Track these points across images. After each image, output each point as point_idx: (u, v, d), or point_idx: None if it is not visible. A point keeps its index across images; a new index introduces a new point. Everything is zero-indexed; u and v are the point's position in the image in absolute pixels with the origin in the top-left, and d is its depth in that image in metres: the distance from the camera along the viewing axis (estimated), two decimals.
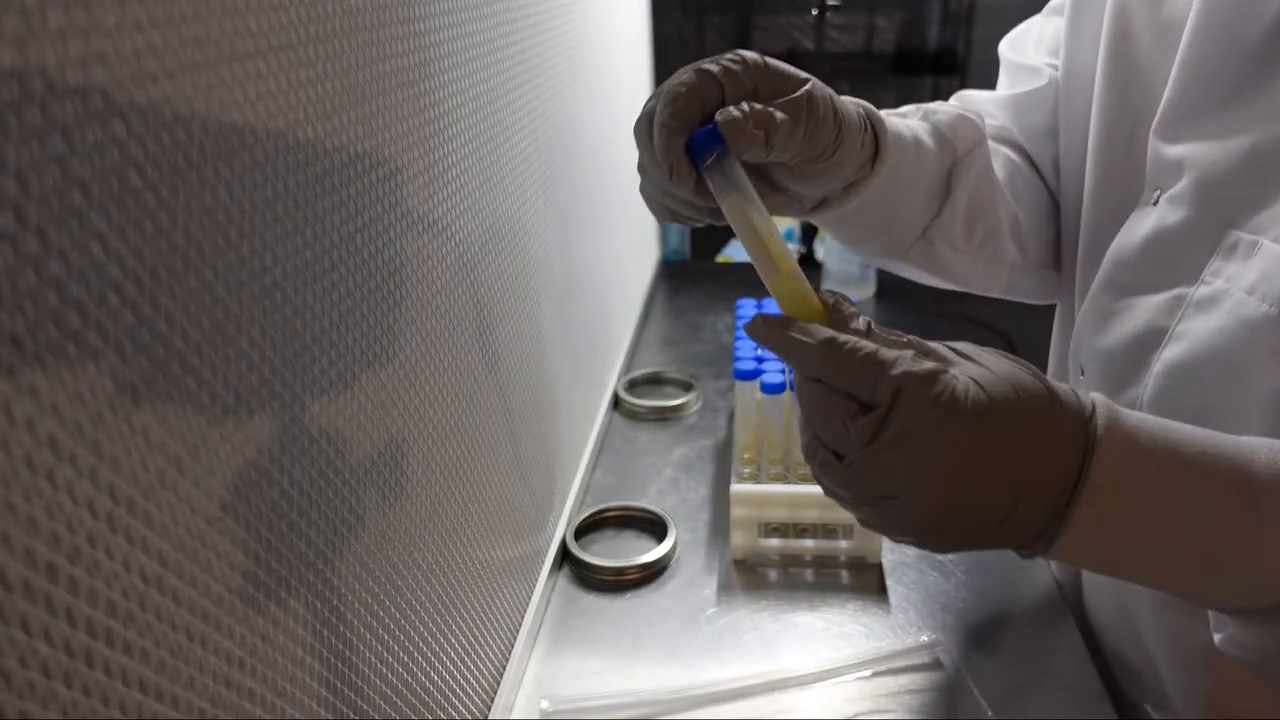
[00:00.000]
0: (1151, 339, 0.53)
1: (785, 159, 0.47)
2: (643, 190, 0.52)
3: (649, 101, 0.48)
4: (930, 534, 0.40)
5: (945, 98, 0.73)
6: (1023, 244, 0.68)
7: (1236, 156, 0.48)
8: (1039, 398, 0.39)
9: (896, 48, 3.82)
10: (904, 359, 0.38)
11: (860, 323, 0.42)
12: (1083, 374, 0.61)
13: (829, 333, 0.40)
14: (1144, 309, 0.54)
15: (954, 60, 3.71)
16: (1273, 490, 0.38)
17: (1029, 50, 0.71)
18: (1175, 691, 0.58)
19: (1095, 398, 0.40)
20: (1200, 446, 0.39)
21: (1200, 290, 0.50)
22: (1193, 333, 0.50)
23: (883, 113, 0.57)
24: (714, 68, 0.46)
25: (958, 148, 0.62)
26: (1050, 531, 0.39)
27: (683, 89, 0.45)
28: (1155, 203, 0.54)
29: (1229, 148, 0.49)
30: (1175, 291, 0.52)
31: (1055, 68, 0.68)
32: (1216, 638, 0.44)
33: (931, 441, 0.37)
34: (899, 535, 0.41)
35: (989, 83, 0.76)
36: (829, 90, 0.50)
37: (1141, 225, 0.55)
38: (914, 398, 0.37)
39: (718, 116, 0.44)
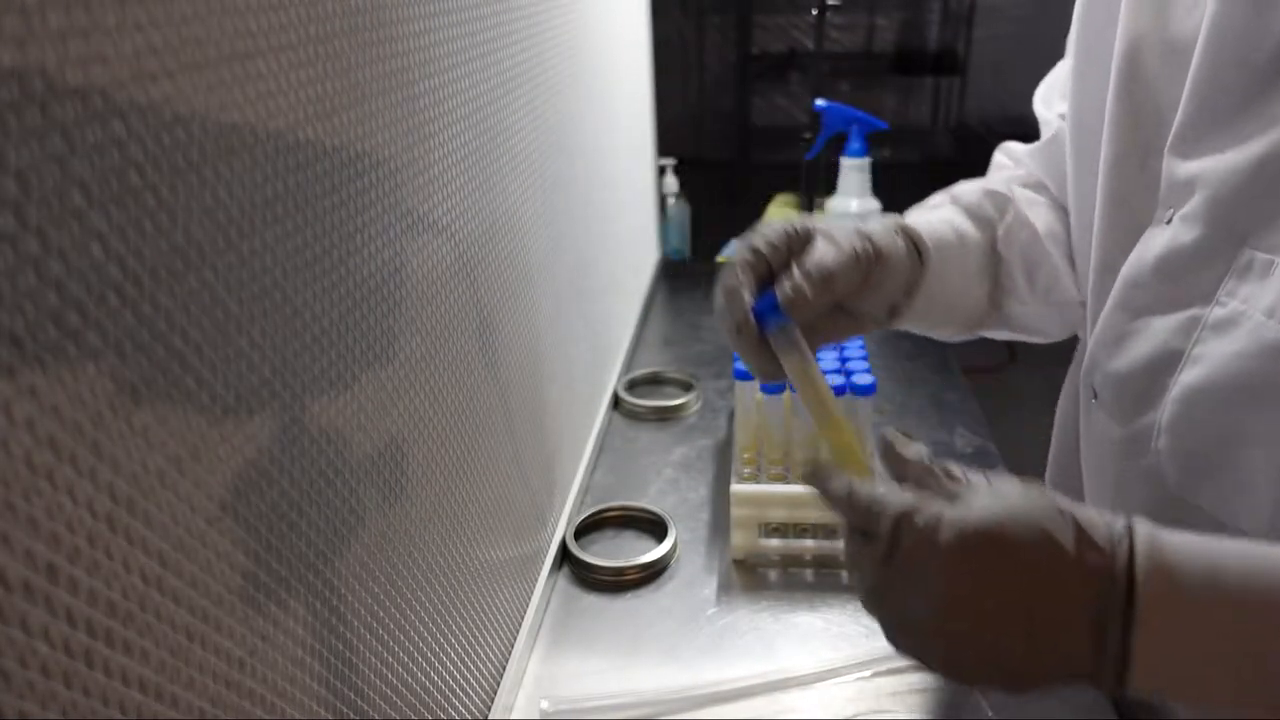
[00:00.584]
0: (1168, 362, 0.52)
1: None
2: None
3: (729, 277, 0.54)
4: (951, 660, 0.41)
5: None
6: (1081, 283, 0.69)
7: (1246, 170, 0.48)
8: (1045, 527, 0.39)
9: (897, 47, 3.82)
10: (905, 499, 0.42)
11: (913, 452, 0.46)
12: (1095, 397, 0.60)
13: (848, 485, 0.46)
14: (1158, 330, 0.53)
15: (954, 60, 3.71)
16: None
17: (1054, 100, 0.73)
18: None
19: (1137, 527, 0.39)
20: (1240, 567, 0.38)
21: (1216, 312, 0.49)
22: (1210, 356, 0.49)
23: (914, 210, 0.66)
24: (742, 256, 0.53)
25: (994, 219, 0.67)
26: (1116, 666, 0.38)
27: (731, 280, 0.52)
28: (1168, 221, 0.54)
29: (1239, 162, 0.48)
30: (1190, 312, 0.51)
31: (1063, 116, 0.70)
32: None
33: (925, 567, 0.40)
34: (929, 659, 0.42)
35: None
36: (863, 234, 0.56)
37: (1153, 245, 0.55)
38: (908, 531, 0.41)
39: (779, 296, 0.52)
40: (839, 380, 0.82)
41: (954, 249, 0.63)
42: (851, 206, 1.29)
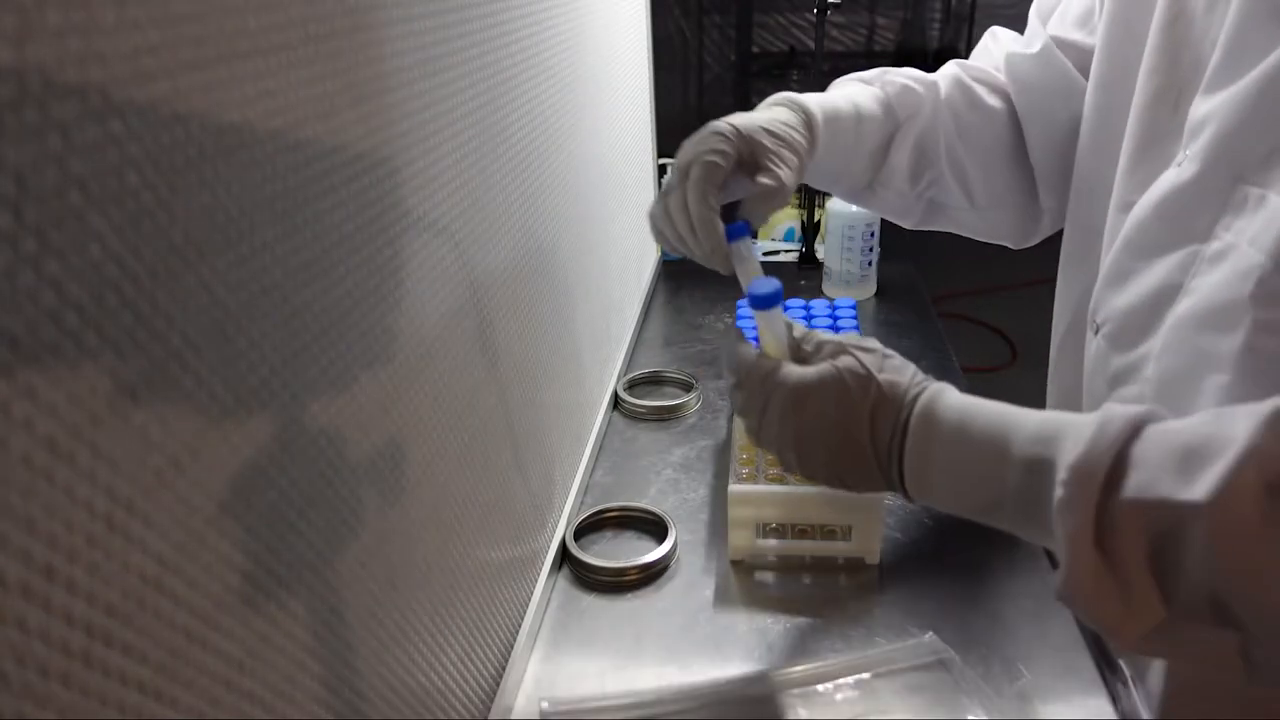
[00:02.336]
0: (1166, 295, 0.55)
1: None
2: (656, 228, 0.68)
3: (668, 185, 0.65)
4: (802, 467, 0.58)
5: None
6: (969, 189, 0.80)
7: (1247, 106, 0.49)
8: (857, 379, 0.55)
9: (898, 47, 3.82)
10: (768, 364, 0.58)
11: (797, 332, 0.62)
12: (1096, 332, 0.63)
13: (743, 352, 0.61)
14: (1160, 267, 0.55)
15: (955, 59, 3.70)
16: (1018, 460, 0.48)
17: (1051, 18, 0.77)
18: (1166, 688, 0.58)
19: (931, 385, 0.55)
20: (985, 423, 0.51)
21: (1212, 246, 0.51)
22: (1201, 288, 0.51)
23: (848, 78, 0.78)
24: (711, 157, 0.63)
25: (899, 115, 0.76)
26: (900, 481, 0.54)
27: (705, 179, 0.62)
28: (1180, 164, 0.55)
29: (1237, 96, 0.49)
30: (1190, 248, 0.53)
31: (1068, 40, 0.74)
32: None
33: (776, 405, 0.57)
34: (791, 466, 0.59)
35: None
36: (794, 128, 0.67)
37: (1161, 185, 0.56)
38: (769, 382, 0.58)
39: (749, 218, 0.64)
40: None
41: (850, 131, 0.73)
42: (851, 206, 1.29)
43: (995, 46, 0.82)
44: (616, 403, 1.07)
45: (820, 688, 0.65)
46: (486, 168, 0.61)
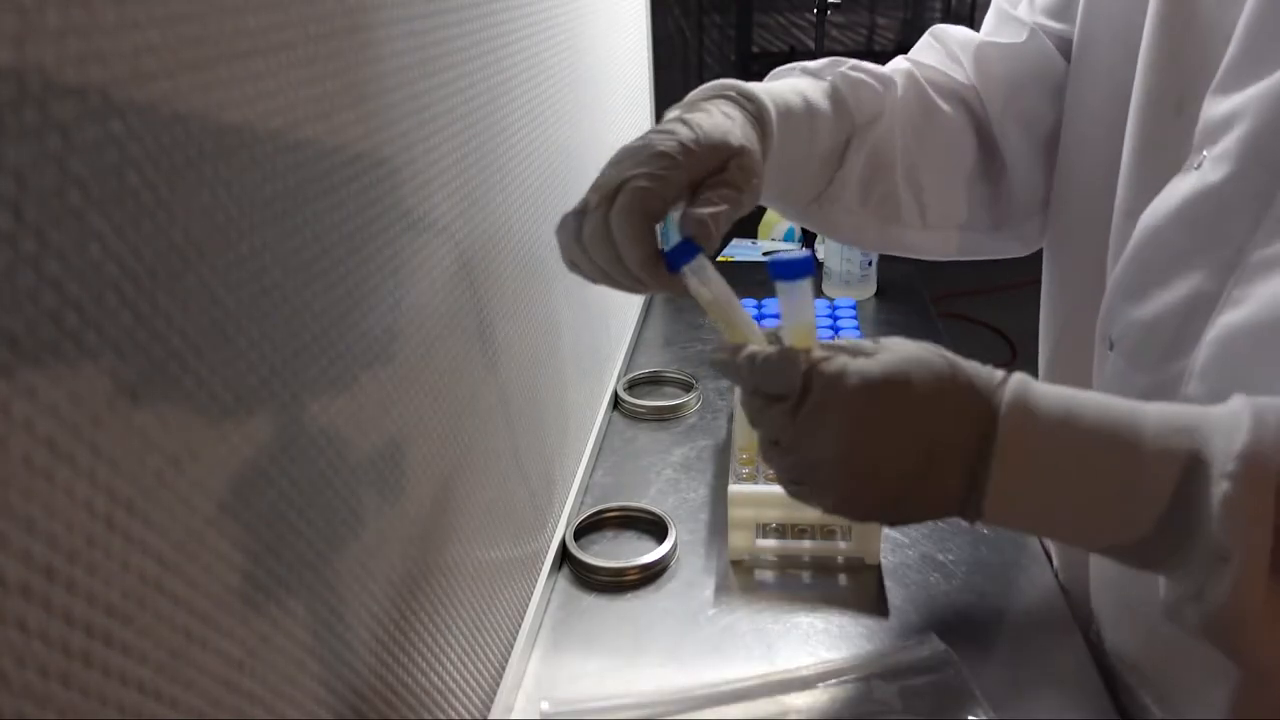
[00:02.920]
0: (1201, 305, 0.50)
1: None
2: (569, 257, 0.54)
3: (584, 204, 0.52)
4: (850, 496, 0.46)
5: None
6: (923, 205, 0.71)
7: None
8: (937, 370, 0.44)
9: (898, 46, 3.82)
10: (809, 354, 0.45)
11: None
12: (1112, 348, 0.58)
13: (750, 349, 0.48)
14: (1188, 275, 0.51)
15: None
16: (1157, 454, 0.41)
17: (1022, 5, 0.71)
18: (1186, 692, 0.58)
19: (1013, 375, 0.44)
20: (1097, 413, 0.42)
21: (1262, 252, 0.47)
22: (1256, 296, 0.47)
23: (792, 67, 0.65)
24: (648, 183, 0.49)
25: (856, 118, 0.65)
26: (976, 496, 0.43)
27: (636, 207, 0.49)
28: (1198, 166, 0.51)
29: (1276, 95, 0.46)
30: (1224, 253, 0.49)
31: (1043, 28, 0.68)
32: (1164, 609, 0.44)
33: (836, 410, 0.44)
34: (827, 498, 0.47)
35: None
36: (749, 133, 0.54)
37: (1179, 190, 0.52)
38: (819, 379, 0.44)
39: (691, 233, 0.49)
40: None
41: (802, 134, 0.61)
42: None
43: (947, 41, 0.74)
44: (616, 403, 1.07)
45: (820, 688, 0.65)
46: (486, 168, 0.61)
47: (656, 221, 0.50)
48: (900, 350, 0.45)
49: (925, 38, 0.75)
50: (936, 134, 0.70)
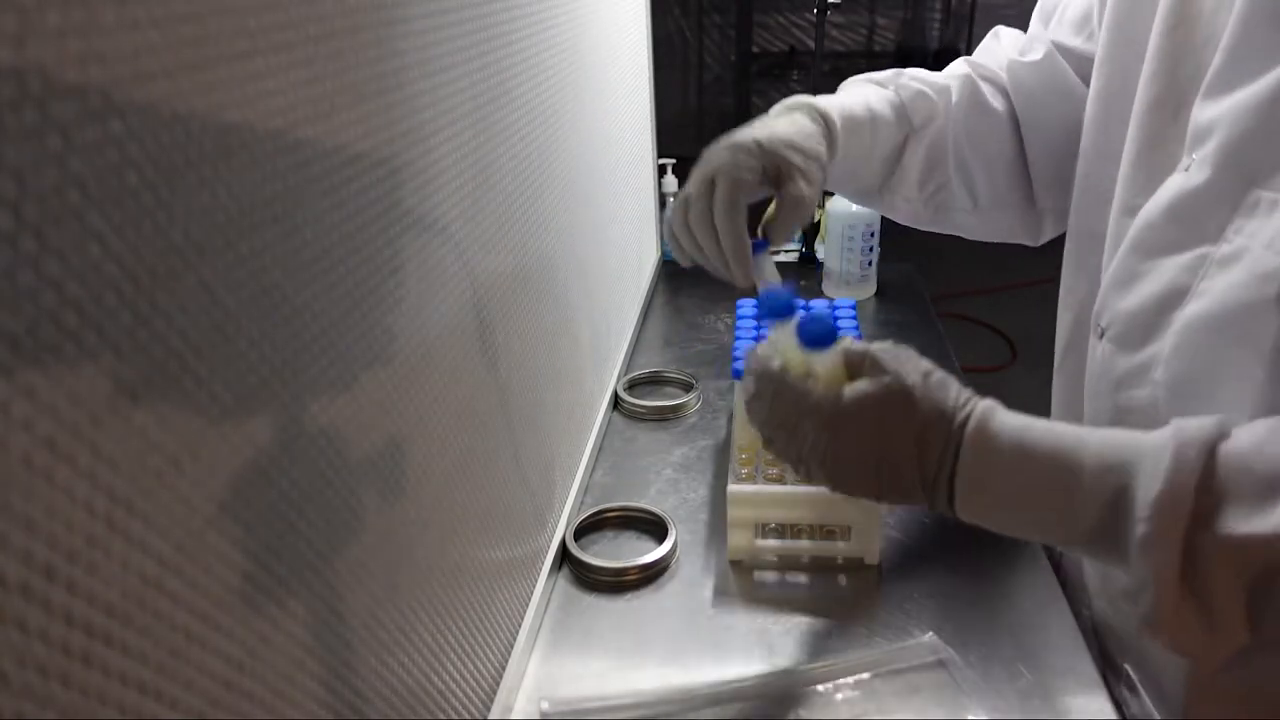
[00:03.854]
0: (1173, 298, 0.54)
1: None
2: (673, 238, 0.69)
3: (687, 194, 0.66)
4: (838, 485, 0.55)
5: None
6: (974, 192, 0.81)
7: (1260, 111, 0.49)
8: (901, 409, 0.52)
9: (898, 46, 3.82)
10: (811, 390, 0.55)
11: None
12: (1101, 336, 0.63)
13: (786, 375, 0.57)
14: (1167, 269, 0.55)
15: (955, 59, 3.70)
16: (1090, 489, 0.47)
17: (1051, 22, 0.77)
18: (1188, 691, 0.58)
19: (976, 404, 0.52)
20: (1048, 445, 0.49)
21: (1222, 249, 0.51)
22: (1213, 290, 0.51)
23: (861, 79, 0.79)
24: (746, 174, 0.64)
25: (914, 121, 0.77)
26: (947, 504, 0.52)
27: (733, 194, 0.63)
28: (1187, 169, 0.55)
29: (1249, 101, 0.49)
30: (1199, 251, 0.53)
31: (1060, 46, 0.74)
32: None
33: (814, 430, 0.54)
34: (817, 479, 0.56)
35: None
36: (817, 138, 0.69)
37: (1169, 189, 0.56)
38: (802, 406, 0.54)
39: (770, 236, 0.67)
40: None
41: (865, 137, 0.74)
42: (851, 205, 1.29)
43: (998, 47, 0.83)
44: (616, 403, 1.07)
45: (820, 688, 0.65)
46: (486, 168, 0.61)
47: (745, 204, 0.64)
48: (877, 382, 0.53)
49: (988, 38, 0.86)
50: (985, 127, 0.79)
